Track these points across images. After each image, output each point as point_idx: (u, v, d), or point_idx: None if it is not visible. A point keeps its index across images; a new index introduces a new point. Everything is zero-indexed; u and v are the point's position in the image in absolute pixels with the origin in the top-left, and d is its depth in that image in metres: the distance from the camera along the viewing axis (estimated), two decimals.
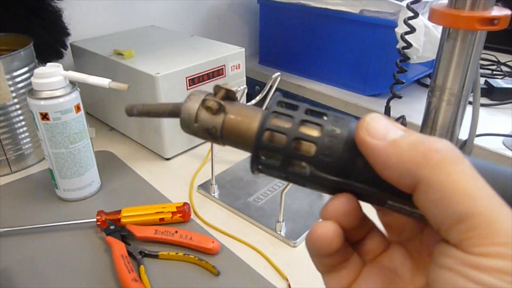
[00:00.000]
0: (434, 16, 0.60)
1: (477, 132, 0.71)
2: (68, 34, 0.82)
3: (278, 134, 0.21)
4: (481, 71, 1.06)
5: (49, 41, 0.79)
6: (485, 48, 0.65)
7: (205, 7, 1.14)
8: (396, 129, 0.19)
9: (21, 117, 0.68)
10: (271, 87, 0.64)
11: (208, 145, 0.77)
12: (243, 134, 0.22)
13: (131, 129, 0.79)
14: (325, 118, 0.21)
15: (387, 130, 0.19)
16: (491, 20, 0.57)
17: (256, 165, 0.22)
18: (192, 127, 0.23)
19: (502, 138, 0.77)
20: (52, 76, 0.54)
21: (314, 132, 0.21)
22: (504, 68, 1.11)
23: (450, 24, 0.59)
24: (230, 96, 0.23)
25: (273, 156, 0.21)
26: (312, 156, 0.20)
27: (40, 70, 0.55)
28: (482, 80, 0.98)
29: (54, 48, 0.80)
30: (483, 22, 0.57)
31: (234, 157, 0.72)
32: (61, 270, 0.50)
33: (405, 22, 0.67)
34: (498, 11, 0.57)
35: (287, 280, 0.48)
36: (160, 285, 0.48)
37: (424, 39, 0.82)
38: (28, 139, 0.70)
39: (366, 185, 0.20)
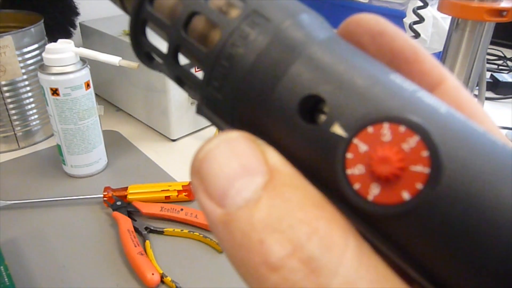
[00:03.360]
0: (444, 6, 0.61)
1: None
2: (77, 14, 0.82)
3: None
4: (487, 65, 1.06)
5: (59, 19, 0.79)
6: (492, 43, 0.66)
7: None
8: (249, 178, 0.11)
9: (30, 94, 0.69)
10: None
11: (214, 127, 0.77)
12: None
13: (138, 110, 0.80)
14: None
15: (230, 183, 0.11)
16: (500, 12, 0.57)
17: (138, 47, 0.15)
18: None
19: (505, 131, 0.78)
20: (64, 52, 0.55)
21: (233, 13, 0.13)
22: (510, 63, 1.11)
23: (459, 14, 0.60)
24: None
25: (161, 35, 0.15)
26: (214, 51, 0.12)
27: (51, 45, 0.55)
28: (488, 74, 0.98)
29: (63, 27, 0.81)
30: (492, 13, 0.57)
31: None
32: (68, 242, 0.51)
33: (414, 11, 0.67)
34: (507, 3, 0.58)
35: None
36: (165, 260, 0.49)
37: (432, 30, 0.82)
38: (36, 116, 0.71)
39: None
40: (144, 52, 0.15)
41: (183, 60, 0.14)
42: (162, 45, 0.14)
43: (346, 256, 0.10)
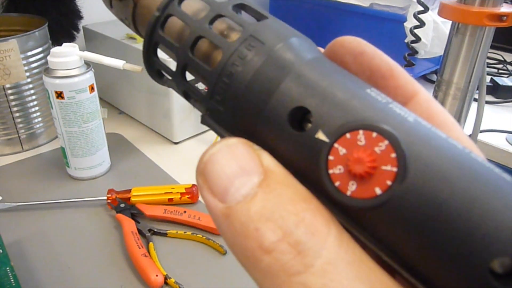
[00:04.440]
0: (444, 11, 0.61)
1: (481, 128, 0.72)
2: (81, 17, 0.83)
3: (183, 25, 0.15)
4: (487, 69, 1.07)
5: (62, 23, 0.80)
6: (492, 47, 0.67)
7: None
8: (247, 177, 0.12)
9: (34, 97, 0.69)
10: None
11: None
12: (146, 24, 0.16)
13: (140, 113, 0.80)
14: (264, 20, 0.15)
15: (230, 182, 0.12)
16: (500, 17, 0.58)
17: (150, 65, 0.17)
18: (112, 12, 0.19)
19: (505, 134, 0.78)
20: (68, 55, 0.56)
21: (233, 36, 0.15)
22: (510, 67, 1.12)
23: (460, 19, 0.60)
24: None
25: (170, 55, 0.16)
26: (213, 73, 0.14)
27: (56, 49, 0.56)
28: (488, 78, 0.99)
29: (66, 31, 0.81)
30: (492, 18, 0.58)
31: None
32: (72, 244, 0.52)
33: (415, 15, 0.68)
34: (507, 8, 0.58)
35: None
36: (168, 262, 0.49)
37: (432, 34, 0.83)
38: (40, 119, 0.72)
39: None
40: (156, 70, 0.17)
41: (189, 76, 0.16)
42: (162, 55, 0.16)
43: (328, 241, 0.11)
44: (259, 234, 0.11)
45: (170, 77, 0.16)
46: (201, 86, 0.16)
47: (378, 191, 0.11)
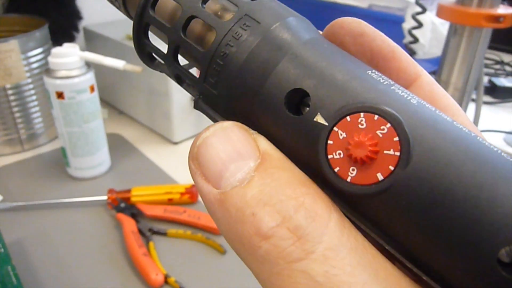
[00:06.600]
0: (442, 12, 0.62)
1: (479, 129, 0.73)
2: (80, 18, 0.83)
3: (175, 4, 0.15)
4: (485, 70, 1.08)
5: (62, 24, 0.80)
6: (490, 47, 0.67)
7: None
8: (243, 161, 0.12)
9: (35, 97, 0.70)
10: None
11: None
12: (137, 4, 0.15)
13: (140, 113, 0.80)
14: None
15: (225, 166, 0.12)
16: (497, 18, 0.58)
17: (141, 48, 0.16)
18: None
19: (503, 135, 0.79)
20: (69, 56, 0.56)
21: (227, 17, 0.14)
22: (508, 68, 1.13)
23: (457, 20, 0.61)
24: None
25: (161, 38, 0.16)
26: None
27: (57, 50, 0.56)
28: (485, 79, 0.99)
29: (66, 31, 0.82)
30: (489, 19, 0.58)
31: None
32: (73, 243, 0.52)
33: (413, 17, 0.68)
34: (504, 9, 0.59)
35: None
36: (168, 261, 0.49)
37: (430, 35, 0.83)
38: (40, 119, 0.72)
39: None
40: (147, 53, 0.16)
41: (182, 61, 0.16)
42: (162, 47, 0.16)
43: (329, 226, 0.11)
44: (257, 219, 0.11)
45: (162, 61, 0.15)
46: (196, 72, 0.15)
47: (380, 176, 0.11)
